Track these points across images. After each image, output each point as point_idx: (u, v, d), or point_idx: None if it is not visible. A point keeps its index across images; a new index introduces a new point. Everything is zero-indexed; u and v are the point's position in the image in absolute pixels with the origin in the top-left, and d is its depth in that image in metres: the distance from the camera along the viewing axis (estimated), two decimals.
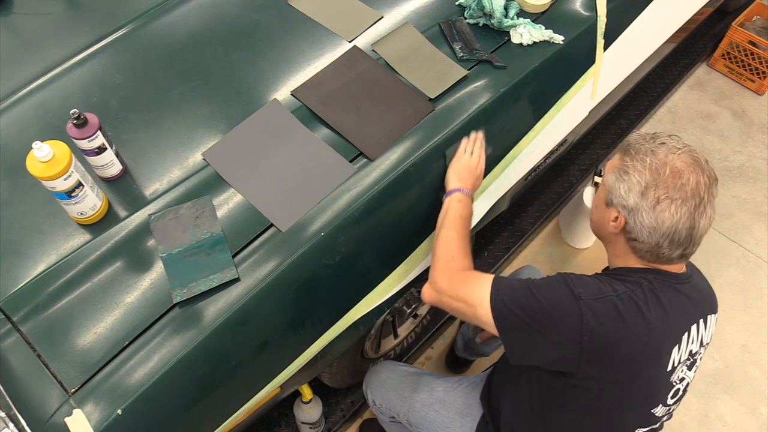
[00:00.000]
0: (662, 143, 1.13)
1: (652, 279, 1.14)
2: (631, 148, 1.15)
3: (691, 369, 1.21)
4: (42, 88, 1.45)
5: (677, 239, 1.09)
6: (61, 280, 1.16)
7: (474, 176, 1.36)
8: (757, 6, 2.97)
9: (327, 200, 1.26)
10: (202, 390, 1.13)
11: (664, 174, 1.09)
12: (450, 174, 1.35)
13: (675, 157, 1.10)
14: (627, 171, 1.13)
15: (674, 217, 1.08)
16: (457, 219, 1.29)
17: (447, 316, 2.19)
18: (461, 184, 1.33)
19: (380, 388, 1.61)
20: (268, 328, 1.20)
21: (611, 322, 1.08)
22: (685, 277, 1.18)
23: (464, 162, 1.35)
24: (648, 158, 1.11)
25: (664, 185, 1.08)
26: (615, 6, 1.66)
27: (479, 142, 1.39)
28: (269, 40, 1.52)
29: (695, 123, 2.89)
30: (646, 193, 1.09)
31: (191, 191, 1.27)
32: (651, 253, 1.13)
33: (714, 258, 2.45)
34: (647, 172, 1.10)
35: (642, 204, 1.09)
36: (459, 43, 1.51)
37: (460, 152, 1.36)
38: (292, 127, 1.36)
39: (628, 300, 1.10)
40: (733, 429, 2.10)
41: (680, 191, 1.08)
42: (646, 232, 1.10)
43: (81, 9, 1.67)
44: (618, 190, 1.13)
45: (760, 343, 2.27)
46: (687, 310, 1.16)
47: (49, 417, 1.04)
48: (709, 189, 1.10)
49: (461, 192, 1.32)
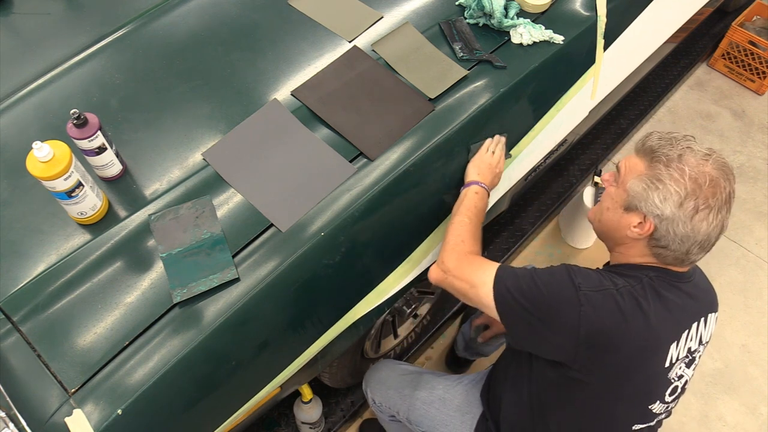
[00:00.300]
0: (689, 148, 1.13)
1: (654, 276, 1.15)
2: (661, 155, 1.13)
3: (689, 367, 1.21)
4: (42, 88, 1.45)
5: (707, 245, 1.12)
6: (61, 280, 1.16)
7: (493, 174, 1.40)
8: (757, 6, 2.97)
9: (327, 200, 1.26)
10: (202, 390, 1.13)
11: (705, 184, 1.09)
12: (470, 168, 1.40)
13: (708, 166, 1.11)
14: (661, 180, 1.11)
15: (710, 227, 1.10)
16: (472, 208, 1.32)
17: (447, 315, 2.19)
18: (480, 178, 1.37)
19: (380, 386, 1.61)
20: (268, 328, 1.20)
21: (609, 315, 1.09)
22: (687, 275, 1.19)
23: (486, 159, 1.40)
24: (686, 167, 1.10)
25: (704, 196, 1.09)
26: (615, 6, 1.66)
27: (501, 144, 1.44)
28: (269, 40, 1.52)
29: (695, 123, 2.89)
30: (685, 204, 1.09)
31: (191, 191, 1.27)
32: (675, 258, 1.14)
33: (714, 258, 2.45)
34: (688, 182, 1.09)
35: (679, 214, 1.09)
36: (459, 43, 1.51)
37: (483, 150, 1.42)
38: (292, 127, 1.36)
39: (627, 294, 1.11)
40: (733, 429, 2.10)
41: (716, 200, 1.09)
42: (679, 240, 1.11)
43: (81, 9, 1.67)
44: (651, 198, 1.11)
45: (760, 343, 2.27)
46: (687, 308, 1.17)
47: (49, 417, 1.04)
48: (732, 195, 1.13)
49: (479, 185, 1.36)
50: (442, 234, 1.46)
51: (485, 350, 1.89)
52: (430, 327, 2.16)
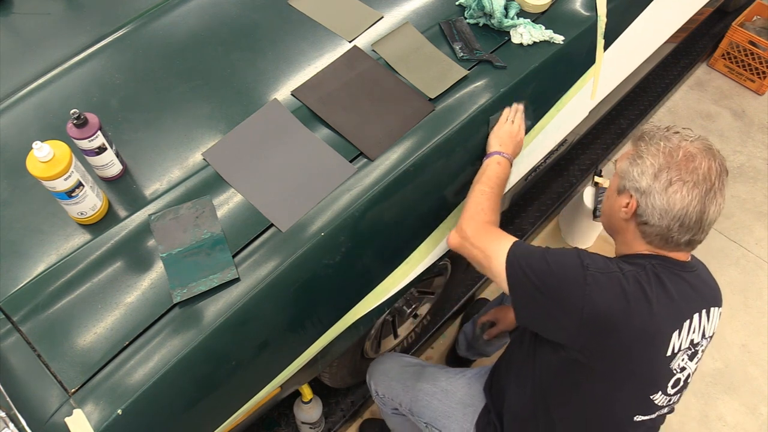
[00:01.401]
0: (676, 132, 1.17)
1: (657, 264, 1.16)
2: (645, 135, 1.19)
3: (692, 360, 1.21)
4: (42, 88, 1.45)
5: (687, 223, 1.12)
6: (61, 280, 1.16)
7: (515, 142, 1.41)
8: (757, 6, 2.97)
9: (327, 200, 1.26)
10: (202, 390, 1.13)
11: (677, 157, 1.12)
12: (492, 138, 1.41)
13: (688, 143, 1.14)
14: (641, 155, 1.16)
15: (685, 200, 1.10)
16: (494, 178, 1.33)
17: (447, 315, 2.19)
18: (502, 148, 1.38)
19: (384, 377, 1.62)
20: (268, 328, 1.20)
21: (614, 297, 1.10)
22: (690, 266, 1.21)
23: (506, 129, 1.41)
24: (662, 143, 1.15)
25: (677, 167, 1.11)
26: (615, 6, 1.66)
27: (520, 113, 1.45)
28: (269, 40, 1.52)
29: (695, 123, 2.88)
30: (659, 175, 1.12)
31: (191, 191, 1.27)
32: (660, 237, 1.15)
33: (714, 258, 2.45)
34: (661, 155, 1.13)
35: (654, 185, 1.12)
36: (459, 43, 1.51)
37: (502, 120, 1.42)
38: (292, 127, 1.36)
39: (632, 279, 1.12)
40: (733, 429, 2.10)
41: (692, 174, 1.11)
42: (657, 214, 1.13)
43: (81, 9, 1.67)
44: (631, 173, 1.16)
45: (760, 343, 2.27)
46: (690, 297, 1.18)
47: (49, 417, 1.04)
48: (720, 176, 1.13)
49: (501, 155, 1.37)
50: (442, 234, 1.46)
51: (487, 350, 1.89)
52: (430, 327, 2.16)
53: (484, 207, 1.29)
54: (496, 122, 1.43)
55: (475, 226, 1.27)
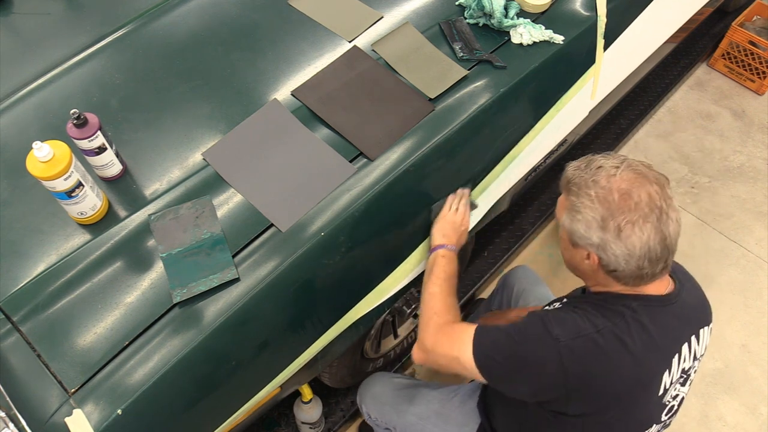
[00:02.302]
0: (599, 167, 1.10)
1: (637, 306, 1.11)
2: (571, 185, 1.12)
3: (684, 385, 1.21)
4: (42, 88, 1.45)
5: (654, 256, 1.06)
6: (61, 280, 1.16)
7: (458, 233, 1.38)
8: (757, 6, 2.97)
9: (327, 200, 1.26)
10: (202, 390, 1.13)
11: (614, 200, 1.05)
12: (435, 231, 1.38)
13: (617, 179, 1.07)
14: (578, 209, 1.09)
15: (642, 238, 1.04)
16: (441, 275, 1.31)
17: None
18: (445, 240, 1.35)
19: (375, 402, 1.59)
20: (268, 328, 1.20)
21: (593, 361, 1.07)
22: (672, 297, 1.15)
23: (449, 219, 1.37)
24: (592, 190, 1.08)
25: (619, 211, 1.05)
26: (615, 6, 1.66)
27: (465, 199, 1.41)
28: (269, 40, 1.52)
29: (695, 123, 2.88)
30: (606, 226, 1.06)
31: (191, 191, 1.27)
32: (635, 277, 1.09)
33: (714, 258, 2.45)
34: (597, 204, 1.06)
35: (606, 237, 1.06)
36: (459, 43, 1.51)
37: (446, 209, 1.39)
38: (292, 127, 1.36)
39: (609, 334, 1.08)
40: (733, 429, 2.10)
41: (636, 211, 1.04)
42: (623, 261, 1.06)
43: (81, 9, 1.67)
44: (578, 231, 1.10)
45: (760, 343, 2.27)
46: (676, 332, 1.15)
47: (49, 417, 1.04)
48: (662, 195, 1.06)
49: (446, 248, 1.34)
50: None
51: None
52: None
53: (438, 310, 1.26)
54: (440, 210, 1.39)
55: (432, 336, 1.23)
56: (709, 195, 2.64)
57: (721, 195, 2.64)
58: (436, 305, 1.27)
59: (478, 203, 1.49)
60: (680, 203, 2.60)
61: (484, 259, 2.33)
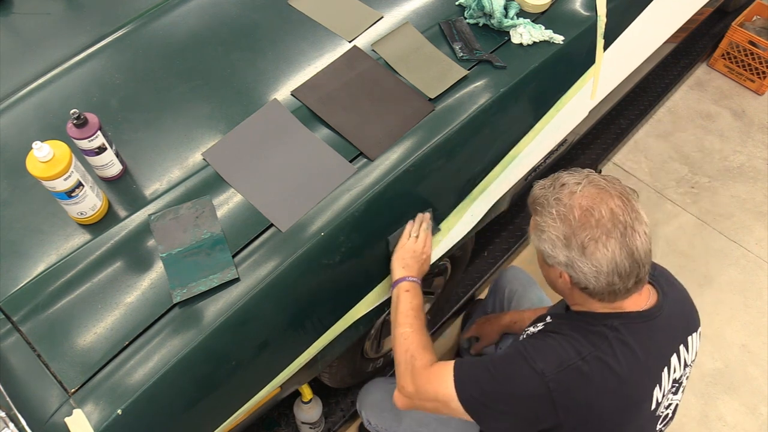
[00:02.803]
0: (562, 185, 1.09)
1: (619, 326, 1.10)
2: (536, 204, 1.12)
3: (677, 393, 1.20)
4: (42, 88, 1.45)
5: (623, 272, 1.04)
6: (61, 280, 1.16)
7: (420, 261, 1.32)
8: (757, 6, 2.97)
9: (327, 200, 1.26)
10: (202, 390, 1.13)
11: (574, 218, 1.04)
12: (394, 263, 1.32)
13: (578, 196, 1.06)
14: (543, 229, 1.09)
15: (607, 254, 1.03)
16: (409, 312, 1.26)
17: (447, 316, 2.19)
18: (407, 271, 1.30)
19: (374, 408, 1.59)
20: (268, 328, 1.20)
21: (581, 390, 1.06)
22: (655, 311, 1.13)
23: (408, 247, 1.32)
24: (554, 208, 1.07)
25: (581, 228, 1.04)
26: (615, 6, 1.66)
27: (425, 223, 1.36)
28: (269, 40, 1.52)
29: (695, 123, 2.89)
30: (569, 244, 1.05)
31: (191, 191, 1.27)
32: (608, 293, 1.07)
33: (714, 258, 2.45)
34: (559, 223, 1.06)
35: (572, 255, 1.05)
36: (459, 43, 1.51)
37: (404, 237, 1.33)
38: (292, 127, 1.36)
39: (594, 360, 1.07)
40: (733, 429, 2.10)
41: (599, 227, 1.03)
42: (592, 278, 1.05)
43: (81, 9, 1.67)
44: (545, 250, 1.09)
45: (760, 343, 2.27)
46: (662, 346, 1.14)
47: (49, 417, 1.04)
48: (627, 209, 1.05)
49: (407, 280, 1.29)
50: (442, 234, 1.46)
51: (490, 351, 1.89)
52: (430, 327, 2.16)
53: (413, 352, 1.21)
54: (397, 241, 1.33)
55: (412, 379, 1.19)
56: (709, 195, 2.64)
57: (721, 195, 2.65)
58: (411, 347, 1.22)
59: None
60: (680, 203, 2.61)
61: (484, 259, 2.33)
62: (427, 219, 1.36)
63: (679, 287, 1.25)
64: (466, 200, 1.48)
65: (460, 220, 1.49)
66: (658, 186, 2.65)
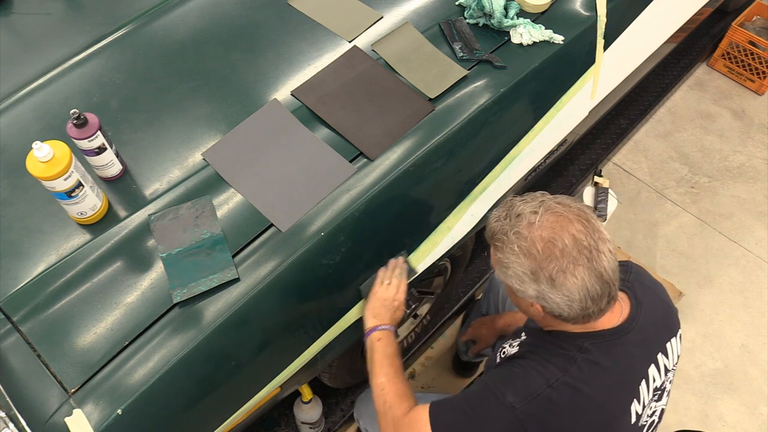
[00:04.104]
0: (518, 216, 1.05)
1: (590, 346, 1.08)
2: (495, 240, 1.09)
3: (661, 399, 1.19)
4: (42, 88, 1.45)
5: (595, 294, 1.02)
6: (61, 280, 1.16)
7: (391, 309, 1.31)
8: (757, 6, 2.97)
9: (327, 200, 1.26)
10: (202, 390, 1.13)
11: (538, 252, 1.02)
12: (366, 313, 1.32)
13: (537, 227, 1.03)
14: (507, 265, 1.06)
15: (577, 282, 1.01)
16: (384, 361, 1.26)
17: (447, 316, 2.19)
18: (377, 321, 1.29)
19: (372, 419, 1.56)
20: (268, 328, 1.20)
21: (552, 418, 1.05)
22: (627, 325, 1.12)
23: (380, 296, 1.30)
24: (515, 244, 1.04)
25: (547, 260, 1.01)
26: (615, 6, 1.66)
27: (398, 269, 1.34)
28: (269, 40, 1.52)
29: (695, 123, 2.89)
30: (537, 277, 1.03)
31: (191, 191, 1.27)
32: (582, 317, 1.06)
33: (714, 258, 2.45)
34: (523, 258, 1.03)
35: (541, 288, 1.03)
36: (459, 43, 1.51)
37: (376, 285, 1.32)
38: (292, 127, 1.36)
39: (562, 386, 1.06)
40: (733, 429, 2.10)
41: (564, 257, 1.01)
42: (565, 307, 1.03)
43: (81, 9, 1.67)
44: (512, 285, 1.07)
45: (760, 343, 2.27)
46: (637, 360, 1.12)
47: (49, 417, 1.04)
48: (588, 231, 1.02)
49: (378, 329, 1.29)
50: (442, 234, 1.46)
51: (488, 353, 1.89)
52: (430, 327, 2.16)
53: (391, 403, 1.20)
54: (369, 288, 1.32)
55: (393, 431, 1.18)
56: (709, 195, 2.64)
57: (721, 195, 2.65)
58: (388, 397, 1.21)
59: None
60: (680, 203, 2.61)
61: (484, 259, 2.33)
62: (401, 264, 1.35)
63: (654, 290, 1.22)
64: (466, 200, 1.48)
65: (460, 220, 1.49)
66: (658, 186, 2.65)
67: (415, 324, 2.05)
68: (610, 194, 2.22)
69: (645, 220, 2.55)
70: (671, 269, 2.41)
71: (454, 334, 2.22)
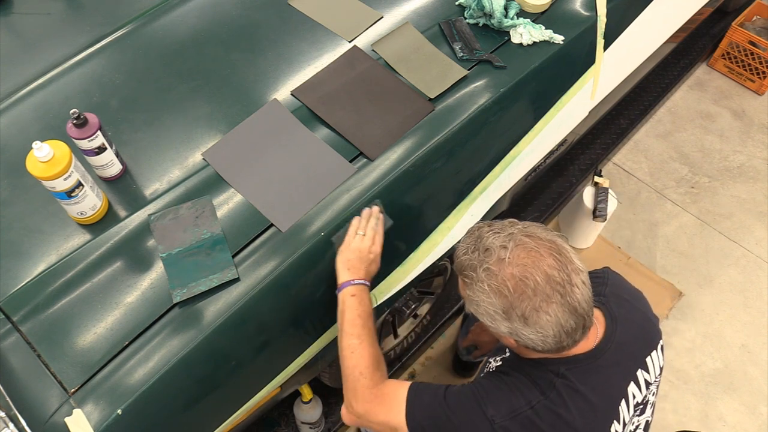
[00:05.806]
0: (487, 250, 1.01)
1: (566, 372, 1.06)
2: (464, 276, 1.05)
3: (644, 412, 1.17)
4: (42, 88, 1.45)
5: (569, 328, 0.99)
6: (61, 280, 1.16)
7: (366, 261, 1.20)
8: (757, 6, 2.97)
9: (327, 200, 1.26)
10: (202, 390, 1.13)
11: (510, 292, 0.98)
12: (338, 264, 1.20)
13: (508, 264, 0.98)
14: (477, 302, 1.02)
15: (551, 319, 0.98)
16: (356, 320, 1.15)
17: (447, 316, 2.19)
18: (352, 274, 1.18)
19: None
20: (268, 328, 1.20)
21: None
22: (602, 347, 1.09)
23: (354, 246, 1.20)
24: (485, 283, 1.00)
25: (519, 299, 0.97)
26: (615, 6, 1.66)
27: (373, 219, 1.24)
28: (269, 40, 1.52)
29: (695, 123, 2.89)
30: (510, 316, 0.99)
31: (191, 191, 1.27)
32: (557, 349, 1.03)
33: (714, 258, 2.45)
34: (494, 297, 0.99)
35: (514, 326, 0.99)
36: (459, 43, 1.51)
37: (350, 234, 1.21)
38: (292, 127, 1.36)
39: (544, 410, 1.04)
40: (733, 429, 2.10)
41: (536, 296, 0.97)
42: (539, 342, 1.00)
43: (81, 9, 1.67)
44: (485, 321, 1.03)
45: (760, 343, 2.27)
46: (615, 381, 1.10)
47: (49, 417, 1.04)
48: (561, 264, 0.98)
49: (352, 284, 1.17)
50: (442, 234, 1.46)
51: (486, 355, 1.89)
52: (430, 327, 2.16)
53: (362, 369, 1.13)
54: (342, 240, 1.22)
55: (362, 399, 1.12)
56: (709, 195, 2.64)
57: (721, 195, 2.65)
58: (360, 363, 1.13)
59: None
60: (680, 203, 2.61)
61: None
62: (376, 213, 1.25)
63: (632, 302, 1.19)
64: (466, 200, 1.48)
65: (460, 220, 1.49)
66: (658, 186, 2.65)
67: (415, 324, 2.05)
68: (610, 194, 2.23)
69: (645, 220, 2.55)
70: (671, 269, 2.41)
71: (454, 334, 2.22)
